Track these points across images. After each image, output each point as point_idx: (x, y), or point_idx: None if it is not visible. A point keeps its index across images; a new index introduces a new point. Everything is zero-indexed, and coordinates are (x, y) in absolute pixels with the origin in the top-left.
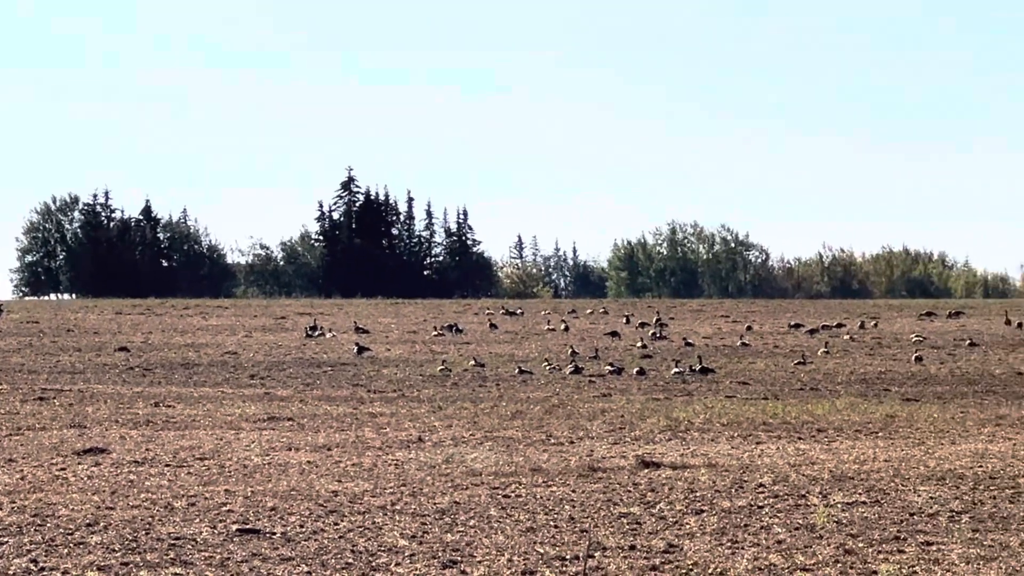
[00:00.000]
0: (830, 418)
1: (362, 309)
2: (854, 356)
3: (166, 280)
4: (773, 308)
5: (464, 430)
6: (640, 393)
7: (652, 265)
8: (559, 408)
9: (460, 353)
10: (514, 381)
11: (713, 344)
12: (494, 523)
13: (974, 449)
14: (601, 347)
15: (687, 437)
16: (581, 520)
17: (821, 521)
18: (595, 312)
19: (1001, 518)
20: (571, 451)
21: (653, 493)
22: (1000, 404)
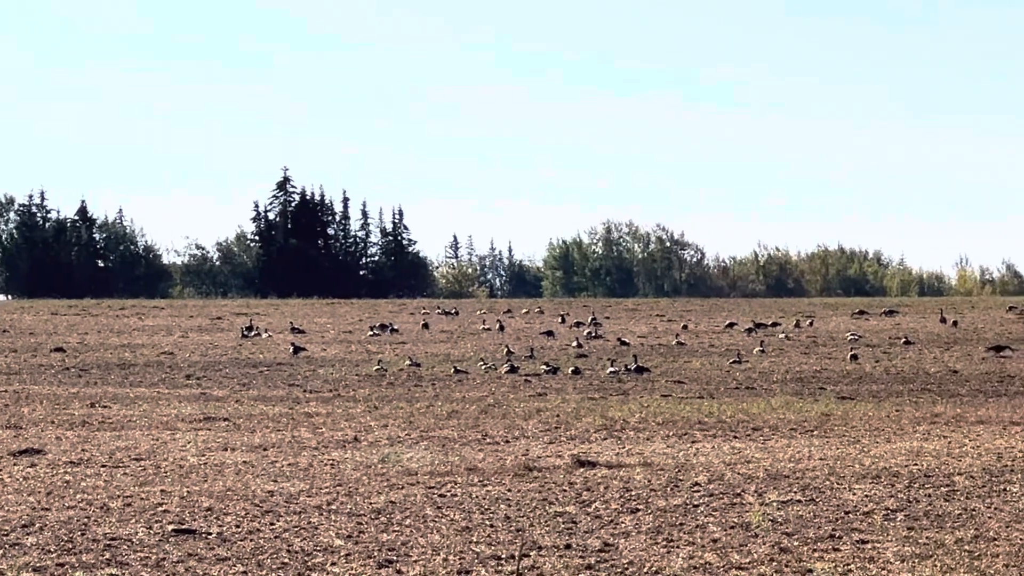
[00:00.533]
0: (765, 417)
1: (298, 309)
2: (789, 355)
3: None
4: (708, 307)
5: (400, 430)
6: (575, 392)
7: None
8: (495, 408)
9: (396, 353)
10: (450, 381)
11: (648, 343)
12: (430, 522)
13: (909, 447)
14: (536, 346)
15: (622, 436)
16: (516, 519)
17: (756, 520)
18: (530, 312)
19: (936, 516)
20: (507, 450)
21: (588, 492)
22: (935, 402)
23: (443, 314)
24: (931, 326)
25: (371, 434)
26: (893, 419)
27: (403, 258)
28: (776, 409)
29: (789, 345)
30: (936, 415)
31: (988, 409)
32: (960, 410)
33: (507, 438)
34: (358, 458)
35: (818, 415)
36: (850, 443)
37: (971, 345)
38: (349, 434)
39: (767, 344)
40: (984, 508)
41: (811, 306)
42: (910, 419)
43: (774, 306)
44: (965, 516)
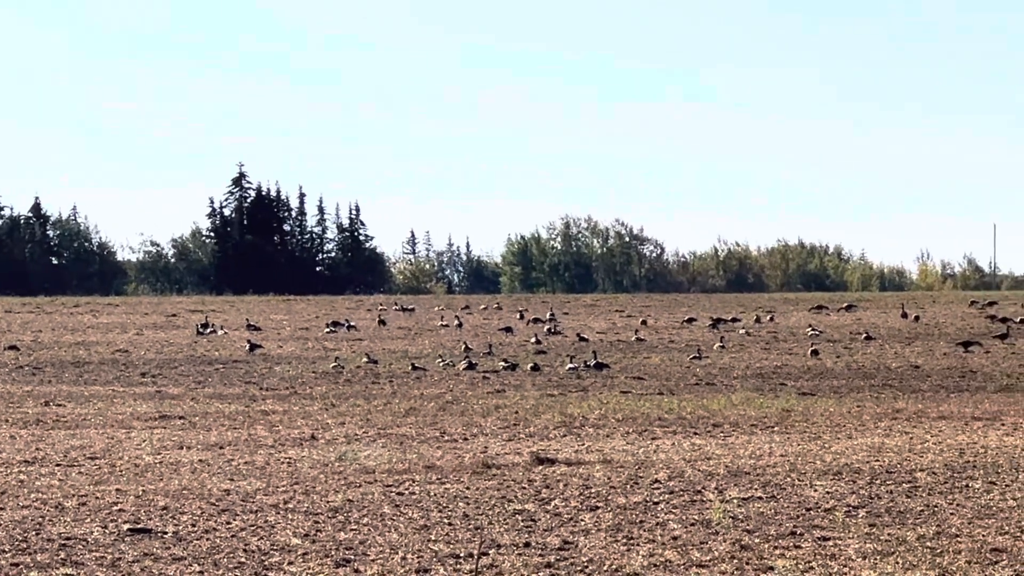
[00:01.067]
0: (726, 413)
1: (254, 306)
2: (750, 350)
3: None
4: (668, 302)
5: (357, 427)
6: (534, 389)
7: (546, 260)
8: (453, 405)
9: (353, 350)
10: (407, 378)
11: (608, 339)
12: (388, 521)
13: (870, 443)
14: (495, 343)
15: (582, 433)
16: (475, 517)
17: (717, 517)
18: (489, 308)
19: (898, 512)
20: (465, 448)
21: (548, 490)
22: (896, 398)
23: (400, 310)
24: (892, 321)
25: (328, 432)
26: (854, 415)
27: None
28: (736, 405)
29: (749, 340)
30: (898, 411)
31: (950, 404)
32: (922, 406)
33: (465, 435)
34: (315, 456)
35: (779, 411)
36: (811, 439)
37: (933, 340)
38: (306, 432)
39: (727, 340)
40: (946, 504)
41: (771, 301)
42: (871, 415)
43: (734, 301)
44: (927, 512)
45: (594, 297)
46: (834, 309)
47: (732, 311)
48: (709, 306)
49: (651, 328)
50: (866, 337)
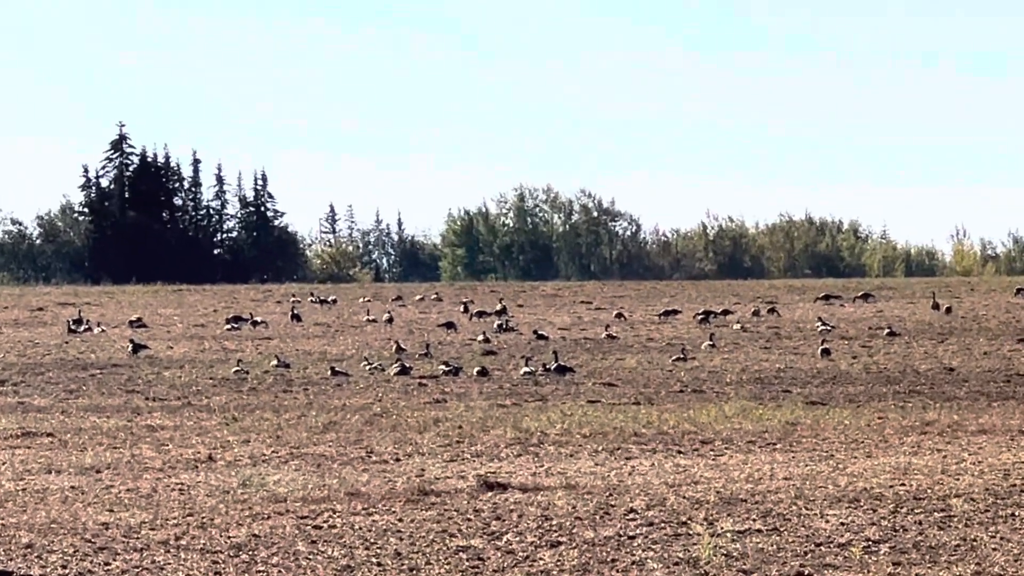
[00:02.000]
0: (717, 427)
1: (138, 298)
2: (746, 350)
3: None
4: (646, 292)
5: (265, 446)
6: (482, 398)
7: (496, 240)
8: (382, 418)
9: (260, 351)
10: (326, 385)
11: (572, 337)
12: (302, 560)
13: (895, 463)
14: (434, 342)
15: (540, 452)
16: (410, 556)
17: (707, 554)
18: (426, 299)
19: (928, 548)
20: (397, 471)
21: (499, 521)
22: (926, 407)
23: (318, 303)
24: (921, 313)
25: (229, 452)
26: (875, 429)
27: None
28: (730, 417)
29: (746, 338)
30: (928, 423)
31: (992, 416)
32: (958, 417)
33: (398, 455)
34: (213, 482)
35: (782, 424)
36: (822, 459)
37: (971, 336)
38: (202, 452)
39: (718, 337)
40: (987, 538)
41: (773, 290)
42: (896, 429)
43: (727, 290)
44: (964, 548)
45: (555, 285)
46: (849, 299)
47: (725, 302)
48: (696, 296)
49: (625, 323)
50: (889, 333)
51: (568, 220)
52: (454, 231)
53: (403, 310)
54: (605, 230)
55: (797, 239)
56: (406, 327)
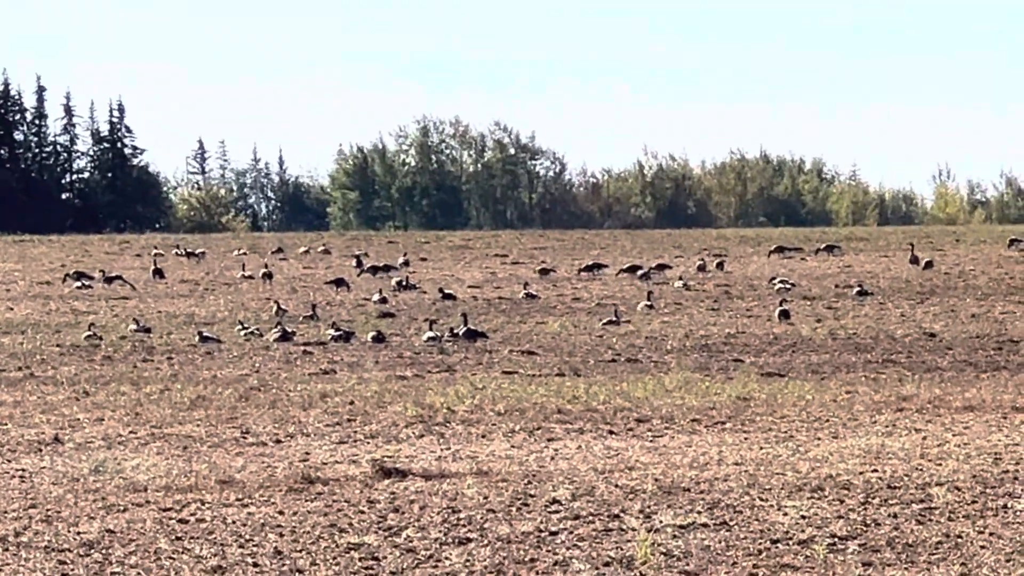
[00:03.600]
0: (656, 403)
1: None
2: (690, 312)
3: None
4: (572, 243)
5: (121, 425)
6: (378, 369)
7: (395, 182)
8: (259, 392)
9: (115, 313)
10: (194, 353)
11: (485, 296)
12: (164, 560)
13: (866, 446)
14: (321, 302)
15: (446, 432)
16: (292, 555)
17: (643, 553)
18: (312, 251)
19: (905, 545)
20: (277, 454)
21: (397, 514)
22: (903, 380)
23: (184, 256)
24: (897, 268)
25: (79, 432)
26: (842, 405)
27: (126, 175)
28: (671, 391)
29: (690, 297)
30: (905, 398)
31: (980, 390)
32: (940, 391)
33: (278, 436)
34: (60, 467)
35: (732, 400)
36: (779, 440)
37: (956, 296)
38: (47, 432)
39: (658, 296)
40: (974, 534)
41: (722, 240)
42: (867, 405)
43: (668, 240)
44: (947, 546)
45: (465, 235)
46: (813, 251)
47: (665, 255)
48: (631, 248)
49: (548, 280)
50: (859, 292)
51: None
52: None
53: (284, 264)
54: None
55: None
56: (288, 284)
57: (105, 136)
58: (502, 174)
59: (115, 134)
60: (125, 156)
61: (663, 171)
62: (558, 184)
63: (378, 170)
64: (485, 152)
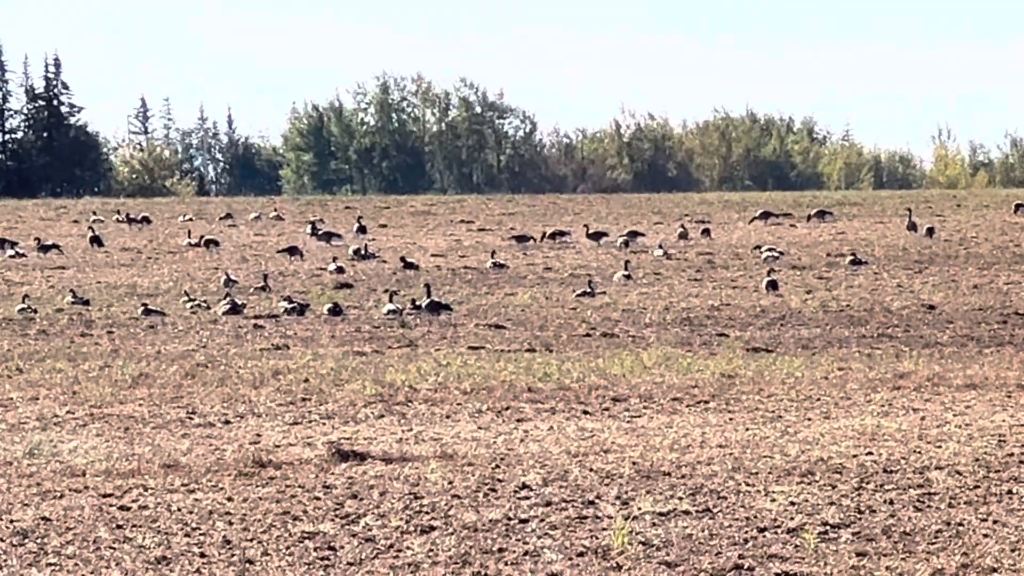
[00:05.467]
0: (633, 380)
1: None
2: (671, 282)
3: None
4: (543, 208)
5: (58, 405)
6: (335, 344)
7: (353, 143)
8: (207, 369)
9: (51, 284)
10: (136, 327)
11: (449, 265)
12: (105, 550)
13: (860, 426)
14: (273, 272)
15: (408, 412)
16: (242, 545)
17: (620, 542)
18: (264, 217)
19: (902, 534)
20: (226, 436)
21: (355, 501)
22: (900, 355)
23: (125, 222)
24: (894, 236)
25: (11, 412)
26: (834, 383)
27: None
28: (650, 368)
29: (671, 267)
30: (902, 376)
31: (983, 366)
32: (939, 368)
33: (227, 416)
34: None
35: (716, 377)
36: (766, 421)
37: (957, 265)
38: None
39: (636, 265)
40: (976, 522)
41: (705, 205)
42: (861, 383)
43: (647, 205)
44: (947, 534)
45: (428, 199)
46: (803, 217)
47: (644, 221)
48: (607, 214)
49: (517, 248)
50: (853, 261)
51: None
52: (299, 132)
53: (234, 232)
54: (491, 130)
55: (735, 141)
56: (237, 253)
57: (40, 93)
58: (468, 134)
59: (51, 91)
60: (61, 115)
61: (641, 131)
62: (528, 145)
63: (334, 130)
64: (449, 111)
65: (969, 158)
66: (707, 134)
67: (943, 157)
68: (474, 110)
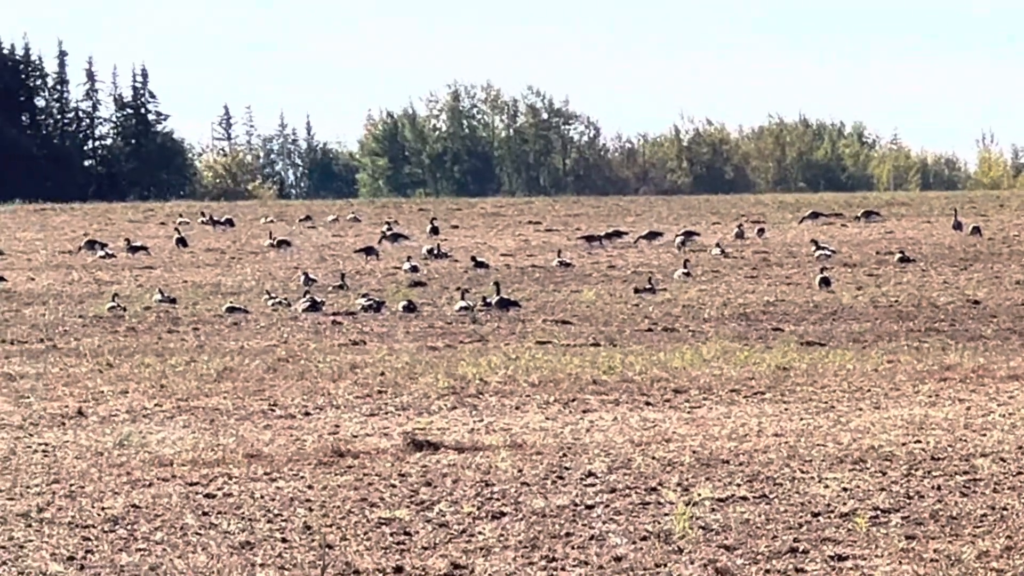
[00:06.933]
0: (693, 373)
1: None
2: (728, 279)
3: None
4: (607, 209)
5: (146, 398)
6: (409, 339)
7: (426, 148)
8: (288, 363)
9: (140, 283)
10: (220, 324)
11: (518, 264)
12: (191, 536)
13: (908, 416)
14: (350, 271)
15: (479, 404)
16: (322, 530)
17: (680, 527)
18: (341, 219)
19: (949, 518)
20: (306, 427)
21: (429, 488)
22: (946, 348)
23: (210, 224)
24: (940, 235)
25: (103, 405)
26: (884, 375)
27: (149, 141)
28: (709, 361)
29: (728, 265)
30: (948, 367)
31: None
32: (984, 360)
33: (307, 409)
34: (84, 441)
35: (772, 369)
36: (820, 411)
37: (1000, 262)
38: (70, 405)
39: (695, 264)
40: (1019, 506)
41: (760, 206)
42: (909, 374)
43: (705, 207)
44: (992, 518)
45: (497, 202)
46: (853, 218)
47: (702, 221)
48: (668, 214)
49: (582, 248)
50: (901, 259)
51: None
52: (375, 137)
53: (314, 233)
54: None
55: (789, 145)
56: (317, 253)
57: (128, 102)
58: (535, 139)
59: (138, 100)
60: (149, 122)
61: (700, 136)
62: (592, 149)
63: (408, 136)
64: (517, 117)
65: (1012, 160)
66: (762, 139)
67: (987, 160)
68: (541, 116)
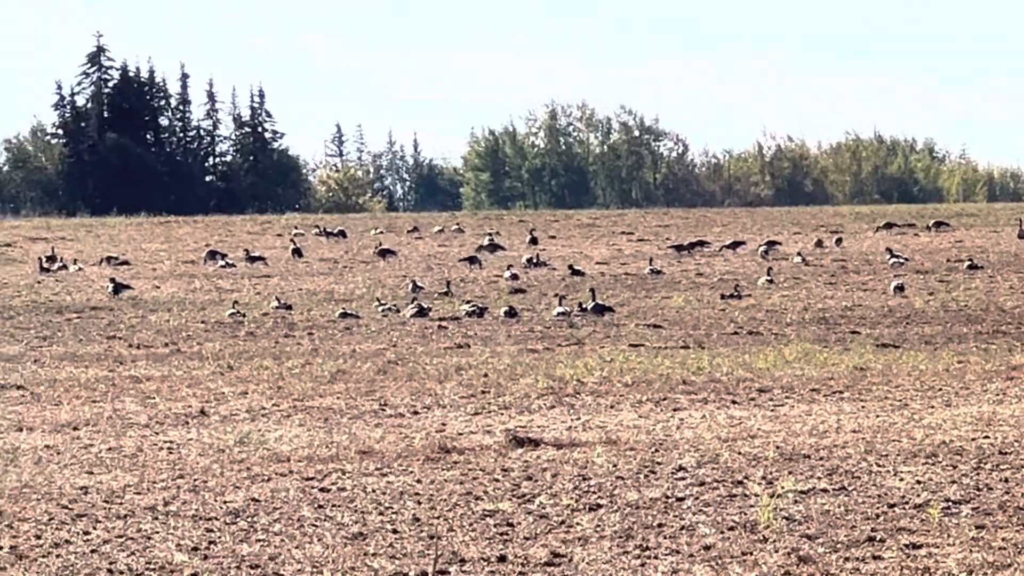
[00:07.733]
0: (776, 373)
1: (119, 231)
2: (808, 286)
3: None
4: (694, 220)
5: (264, 398)
6: (510, 342)
7: (525, 163)
8: (397, 365)
9: (258, 291)
10: (334, 328)
11: (612, 272)
12: (308, 527)
13: (978, 413)
14: (455, 279)
15: (576, 403)
16: (429, 522)
17: (765, 517)
18: (446, 230)
19: (1016, 508)
20: (415, 425)
21: (530, 482)
22: (1012, 350)
23: (323, 235)
24: (1007, 243)
25: (224, 405)
26: (955, 374)
27: (266, 158)
28: (791, 362)
29: (808, 272)
30: (1015, 368)
31: None
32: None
33: (415, 408)
34: (206, 439)
35: (849, 370)
36: (895, 409)
37: None
38: (193, 405)
39: (777, 271)
40: None
41: (838, 217)
42: (979, 374)
43: (786, 218)
44: None
45: (592, 214)
46: (925, 227)
47: (784, 231)
48: (752, 225)
49: (672, 256)
50: (970, 266)
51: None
52: (477, 154)
53: (420, 243)
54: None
55: (865, 160)
56: (423, 262)
57: (246, 121)
58: (627, 155)
59: (256, 119)
60: (266, 140)
61: (781, 151)
62: (681, 164)
63: (509, 152)
64: (611, 134)
65: None
66: (840, 154)
67: None
68: (633, 133)
